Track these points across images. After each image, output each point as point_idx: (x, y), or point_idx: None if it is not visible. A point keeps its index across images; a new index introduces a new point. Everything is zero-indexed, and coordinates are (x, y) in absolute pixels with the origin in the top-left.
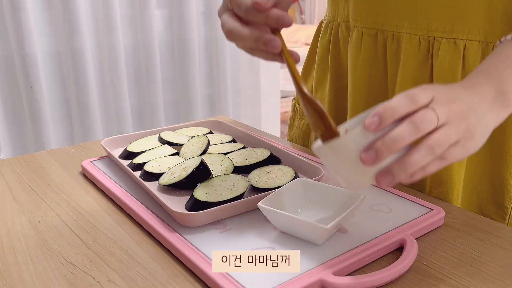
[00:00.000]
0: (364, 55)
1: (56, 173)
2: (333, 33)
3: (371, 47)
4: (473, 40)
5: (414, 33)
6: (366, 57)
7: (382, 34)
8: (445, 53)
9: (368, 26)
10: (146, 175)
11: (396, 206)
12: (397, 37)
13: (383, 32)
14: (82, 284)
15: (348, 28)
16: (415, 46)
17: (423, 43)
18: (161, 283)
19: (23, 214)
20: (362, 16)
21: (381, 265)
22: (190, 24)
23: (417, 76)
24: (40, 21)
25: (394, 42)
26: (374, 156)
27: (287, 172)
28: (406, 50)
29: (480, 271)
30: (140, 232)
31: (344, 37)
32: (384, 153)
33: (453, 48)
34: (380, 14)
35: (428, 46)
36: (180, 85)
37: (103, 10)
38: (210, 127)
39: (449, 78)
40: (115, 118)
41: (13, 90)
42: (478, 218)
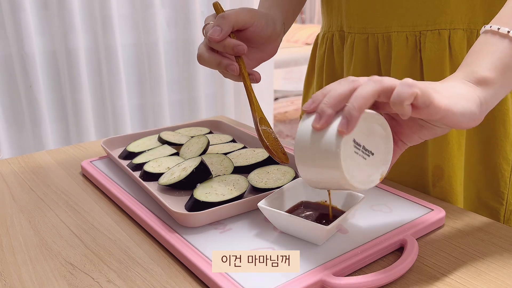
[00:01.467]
0: (356, 60)
1: (56, 173)
2: (327, 43)
3: (364, 51)
4: (457, 29)
5: (402, 31)
6: (359, 61)
7: (373, 37)
8: (431, 44)
9: (360, 32)
10: (146, 175)
11: (396, 206)
12: (387, 37)
13: (374, 35)
14: (81, 285)
15: (342, 37)
16: (403, 43)
17: (411, 38)
18: (161, 283)
19: (22, 214)
20: (354, 23)
21: (382, 265)
22: (194, 24)
23: (409, 71)
24: (39, 21)
25: (385, 43)
26: (314, 105)
27: (287, 172)
28: (395, 47)
29: (480, 271)
30: (140, 232)
31: (338, 46)
32: (320, 99)
33: (437, 39)
34: (369, 18)
35: (415, 41)
36: (184, 84)
37: (100, 10)
38: (210, 127)
39: (438, 68)
40: (112, 118)
41: (12, 89)
42: (478, 218)
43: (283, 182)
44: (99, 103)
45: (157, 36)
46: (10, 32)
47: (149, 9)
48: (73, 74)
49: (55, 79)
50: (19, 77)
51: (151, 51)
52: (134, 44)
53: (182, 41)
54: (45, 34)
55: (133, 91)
